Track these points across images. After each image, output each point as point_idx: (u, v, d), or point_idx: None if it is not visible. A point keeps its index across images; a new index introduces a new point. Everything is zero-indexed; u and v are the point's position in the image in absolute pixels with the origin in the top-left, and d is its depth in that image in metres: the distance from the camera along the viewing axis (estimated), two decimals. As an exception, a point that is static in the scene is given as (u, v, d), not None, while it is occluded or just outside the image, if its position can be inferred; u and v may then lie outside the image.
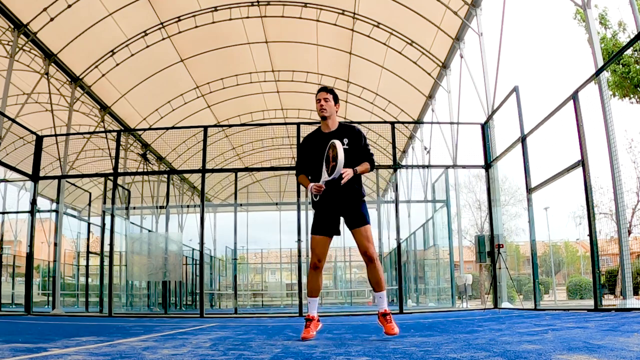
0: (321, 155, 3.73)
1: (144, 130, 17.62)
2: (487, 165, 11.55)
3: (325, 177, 3.64)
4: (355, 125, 4.00)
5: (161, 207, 17.55)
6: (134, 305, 14.39)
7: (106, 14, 13.88)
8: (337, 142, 3.57)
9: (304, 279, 11.49)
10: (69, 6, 12.80)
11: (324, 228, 3.80)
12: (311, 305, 3.90)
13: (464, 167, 12.88)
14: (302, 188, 11.52)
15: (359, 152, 3.81)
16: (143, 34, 15.24)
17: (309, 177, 3.90)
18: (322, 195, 3.73)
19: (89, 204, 16.25)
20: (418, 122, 17.66)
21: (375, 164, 3.91)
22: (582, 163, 7.61)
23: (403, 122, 16.20)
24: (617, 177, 6.95)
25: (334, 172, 3.54)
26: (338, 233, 3.86)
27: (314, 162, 3.83)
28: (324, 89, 3.89)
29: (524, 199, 15.69)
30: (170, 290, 15.97)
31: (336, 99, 3.90)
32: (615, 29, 14.19)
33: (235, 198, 14.28)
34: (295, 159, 4.09)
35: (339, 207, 3.80)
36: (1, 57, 13.43)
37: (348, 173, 3.61)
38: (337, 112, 3.92)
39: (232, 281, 16.50)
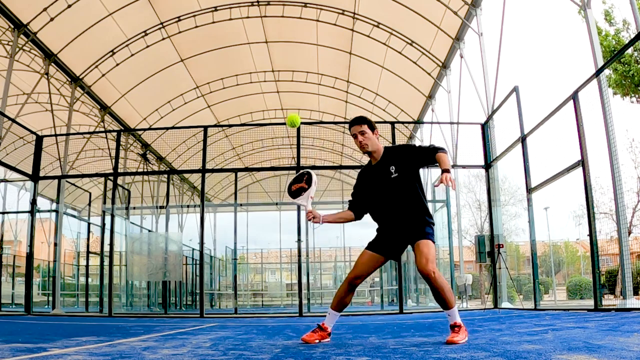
0: (376, 188, 3.48)
1: (144, 130, 17.62)
2: (487, 165, 11.55)
3: (308, 206, 3.57)
4: (400, 144, 3.74)
5: (161, 207, 17.56)
6: (134, 305, 14.38)
7: (106, 14, 13.88)
8: (313, 174, 3.59)
9: (304, 279, 11.48)
10: (69, 6, 12.79)
11: (379, 246, 3.47)
12: (330, 318, 3.52)
13: (464, 167, 12.87)
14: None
15: (415, 163, 3.40)
16: (143, 34, 15.24)
17: (370, 214, 3.63)
18: (384, 217, 3.50)
19: (89, 204, 16.25)
20: (418, 122, 17.66)
21: (438, 147, 3.41)
22: (582, 163, 7.61)
23: (403, 122, 16.20)
24: (617, 177, 6.95)
25: (302, 197, 3.57)
26: (396, 257, 3.53)
27: (370, 197, 3.55)
28: (357, 121, 3.50)
29: (524, 199, 15.70)
30: (170, 290, 15.97)
31: (372, 126, 3.53)
32: (619, 26, 14.19)
33: (235, 198, 14.28)
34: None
35: (400, 230, 3.44)
36: (1, 57, 13.42)
37: (450, 177, 3.17)
38: (377, 138, 3.55)
39: (232, 281, 16.50)
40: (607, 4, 14.38)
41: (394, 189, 3.40)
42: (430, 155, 3.35)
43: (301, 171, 3.75)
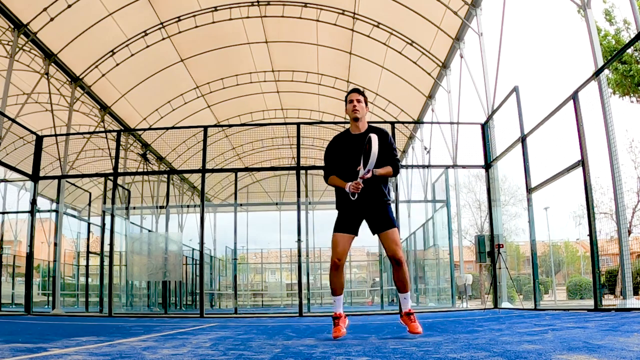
0: (352, 156, 3.72)
1: (144, 130, 17.62)
2: (487, 165, 11.55)
3: (362, 173, 3.59)
4: (384, 128, 3.93)
5: (161, 207, 17.56)
6: (134, 305, 14.38)
7: (106, 14, 13.88)
8: (374, 137, 3.54)
9: (304, 279, 11.49)
10: (69, 6, 12.79)
11: (347, 226, 3.76)
12: (337, 303, 3.84)
13: (464, 167, 12.88)
14: (302, 188, 11.52)
15: (384, 154, 3.74)
16: (143, 34, 15.24)
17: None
18: (346, 194, 3.70)
19: (89, 204, 16.25)
20: (418, 122, 17.66)
21: (398, 169, 3.79)
22: (582, 163, 7.61)
23: (403, 122, 16.20)
24: (617, 177, 6.95)
25: (367, 167, 3.52)
26: (356, 234, 3.81)
27: (345, 163, 3.78)
28: (357, 91, 3.86)
29: (524, 199, 15.71)
30: (170, 290, 15.97)
31: (366, 102, 3.90)
32: (619, 26, 14.19)
33: (235, 198, 14.28)
34: (323, 162, 3.95)
35: (363, 208, 3.75)
36: (1, 57, 13.42)
37: (369, 173, 3.57)
38: (366, 112, 3.90)
39: (232, 281, 16.50)
40: (608, 3, 14.38)
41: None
42: (388, 160, 3.74)
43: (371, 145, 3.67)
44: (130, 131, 18.23)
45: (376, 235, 3.78)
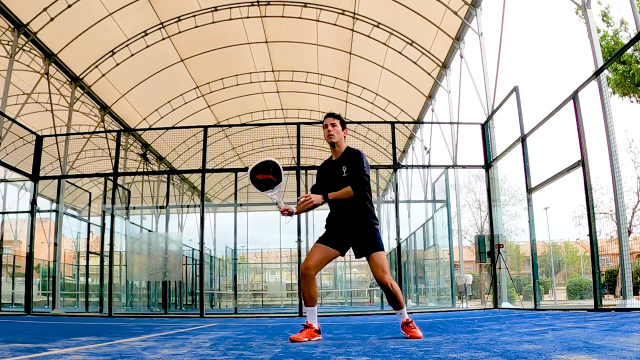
0: (328, 183, 3.76)
1: (144, 130, 17.62)
2: (487, 165, 11.55)
3: (276, 198, 3.69)
4: (361, 150, 3.82)
5: (161, 207, 17.55)
6: (134, 305, 14.38)
7: (106, 14, 13.88)
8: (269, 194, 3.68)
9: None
10: (69, 6, 12.80)
11: (329, 240, 3.73)
12: (309, 315, 3.68)
13: (464, 167, 12.87)
14: (302, 188, 11.55)
15: (350, 173, 3.69)
16: (143, 34, 15.24)
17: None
18: (331, 216, 3.80)
19: (89, 204, 16.25)
20: (418, 122, 17.66)
21: (362, 189, 3.66)
22: (582, 163, 7.61)
23: (403, 122, 16.19)
24: (617, 177, 6.95)
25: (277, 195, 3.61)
26: (342, 252, 3.77)
27: (326, 188, 3.77)
28: (331, 115, 3.83)
29: (524, 199, 15.70)
30: (170, 290, 15.97)
31: (343, 124, 3.85)
32: (617, 26, 14.18)
33: (235, 198, 14.28)
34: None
35: (347, 231, 3.73)
36: (1, 57, 13.42)
37: (308, 199, 3.57)
38: (345, 137, 3.86)
39: (232, 281, 16.50)
40: (604, 5, 14.37)
41: (340, 188, 3.64)
42: (350, 181, 3.65)
43: (265, 159, 3.78)
44: (130, 131, 18.22)
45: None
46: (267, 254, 31.15)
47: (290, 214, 3.70)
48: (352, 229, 3.69)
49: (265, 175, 3.71)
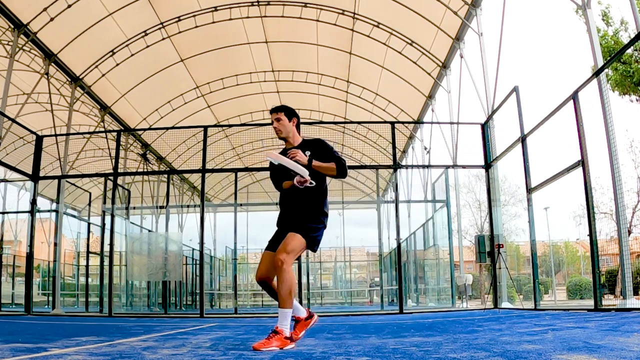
0: (286, 170, 3.44)
1: (144, 130, 17.62)
2: (487, 165, 11.55)
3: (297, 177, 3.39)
4: (319, 138, 3.66)
5: (161, 207, 17.56)
6: (134, 305, 14.38)
7: (106, 14, 13.88)
8: (270, 153, 3.42)
9: (304, 279, 11.50)
10: (69, 6, 12.79)
11: (274, 244, 3.46)
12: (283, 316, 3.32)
13: (464, 167, 12.87)
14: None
15: (326, 158, 3.49)
16: (143, 34, 15.24)
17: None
18: (280, 209, 3.54)
19: (89, 204, 16.25)
20: (418, 122, 17.66)
21: (347, 170, 3.51)
22: (582, 163, 7.61)
23: (403, 122, 16.19)
24: (617, 177, 6.95)
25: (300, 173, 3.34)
26: None
27: (284, 176, 3.54)
28: (274, 110, 3.62)
29: (524, 199, 15.70)
30: (170, 290, 15.97)
31: (290, 114, 3.62)
32: (617, 26, 14.18)
33: (235, 198, 14.28)
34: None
35: (288, 220, 3.48)
36: (1, 57, 13.42)
37: (298, 153, 3.35)
38: (297, 125, 3.64)
39: (232, 281, 16.50)
40: (604, 5, 14.37)
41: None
42: (331, 159, 3.44)
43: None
44: (130, 131, 18.22)
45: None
46: (267, 254, 31.08)
47: (304, 181, 3.38)
48: (297, 214, 3.42)
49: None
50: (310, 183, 3.36)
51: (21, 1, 12.32)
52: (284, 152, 3.55)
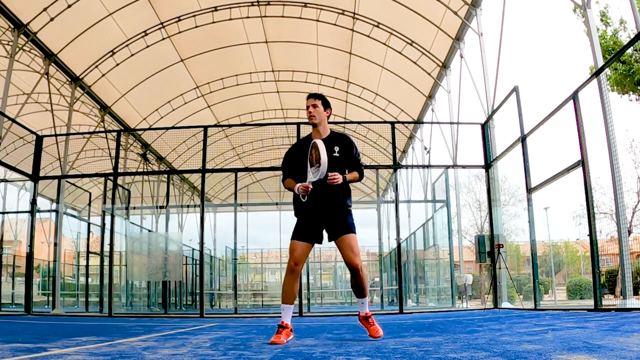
0: (305, 161, 3.66)
1: (144, 130, 17.61)
2: (487, 165, 11.55)
3: (310, 177, 3.56)
4: (347, 134, 3.89)
5: (161, 207, 17.56)
6: (134, 305, 14.38)
7: (106, 14, 13.88)
8: (319, 142, 3.52)
9: (304, 279, 11.50)
10: (69, 6, 12.79)
11: (304, 234, 3.68)
12: (285, 313, 3.62)
13: (464, 167, 12.87)
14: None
15: (349, 161, 3.73)
16: (143, 34, 15.24)
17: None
18: (305, 202, 3.63)
19: (89, 204, 16.25)
20: (418, 122, 17.66)
21: (364, 176, 3.81)
22: (582, 163, 7.61)
23: (403, 122, 16.19)
24: (617, 177, 6.95)
25: (319, 173, 3.47)
26: (320, 241, 3.76)
27: (300, 166, 3.72)
28: (312, 95, 3.79)
29: (524, 199, 15.70)
30: (170, 290, 15.97)
31: (326, 104, 3.79)
32: (616, 26, 14.19)
33: (235, 198, 14.28)
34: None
35: (321, 216, 3.68)
36: (1, 57, 13.42)
37: (338, 177, 3.54)
38: (328, 117, 3.81)
39: (232, 281, 16.50)
40: (602, 4, 14.38)
41: (331, 167, 3.57)
42: (354, 167, 3.74)
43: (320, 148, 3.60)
44: (130, 131, 18.22)
45: (333, 242, 3.71)
46: (267, 254, 31.14)
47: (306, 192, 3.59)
48: (327, 214, 3.67)
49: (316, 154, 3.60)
50: (302, 197, 3.61)
51: (21, 1, 12.32)
52: (308, 139, 3.78)
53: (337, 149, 3.70)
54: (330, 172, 3.54)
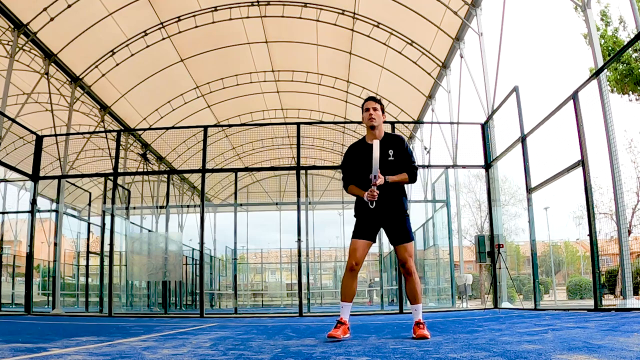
0: (368, 165, 3.69)
1: (144, 130, 17.62)
2: (487, 165, 11.55)
3: (372, 180, 3.65)
4: (401, 134, 3.96)
5: (161, 207, 17.56)
6: (134, 305, 14.38)
7: (106, 14, 13.88)
8: (375, 142, 3.64)
9: (304, 279, 11.49)
10: (69, 6, 12.79)
11: (365, 233, 3.79)
12: (344, 310, 3.85)
13: (464, 167, 12.87)
14: (302, 188, 11.52)
15: (404, 163, 3.81)
16: (143, 34, 15.24)
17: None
18: (366, 202, 3.73)
19: (89, 204, 16.25)
20: (418, 122, 17.66)
21: (415, 177, 3.83)
22: (582, 163, 7.61)
23: (403, 122, 16.20)
24: (617, 177, 6.95)
25: (372, 172, 3.58)
26: (374, 240, 3.88)
27: (361, 172, 3.80)
28: (373, 99, 3.87)
29: (524, 199, 15.69)
30: (170, 290, 15.97)
31: (383, 109, 3.90)
32: (616, 25, 14.19)
33: (235, 198, 14.28)
34: (341, 171, 3.97)
35: (381, 218, 3.79)
36: (1, 57, 13.42)
37: (380, 179, 3.61)
38: (382, 120, 3.90)
39: (232, 281, 16.50)
40: (603, 4, 14.38)
41: (387, 170, 3.71)
42: (406, 168, 3.80)
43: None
44: (130, 131, 18.22)
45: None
46: (267, 254, 31.15)
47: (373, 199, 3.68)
48: (387, 217, 3.78)
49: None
50: (371, 204, 3.70)
51: (21, 1, 12.32)
52: (364, 143, 3.88)
53: (391, 152, 3.80)
54: (389, 174, 3.69)
